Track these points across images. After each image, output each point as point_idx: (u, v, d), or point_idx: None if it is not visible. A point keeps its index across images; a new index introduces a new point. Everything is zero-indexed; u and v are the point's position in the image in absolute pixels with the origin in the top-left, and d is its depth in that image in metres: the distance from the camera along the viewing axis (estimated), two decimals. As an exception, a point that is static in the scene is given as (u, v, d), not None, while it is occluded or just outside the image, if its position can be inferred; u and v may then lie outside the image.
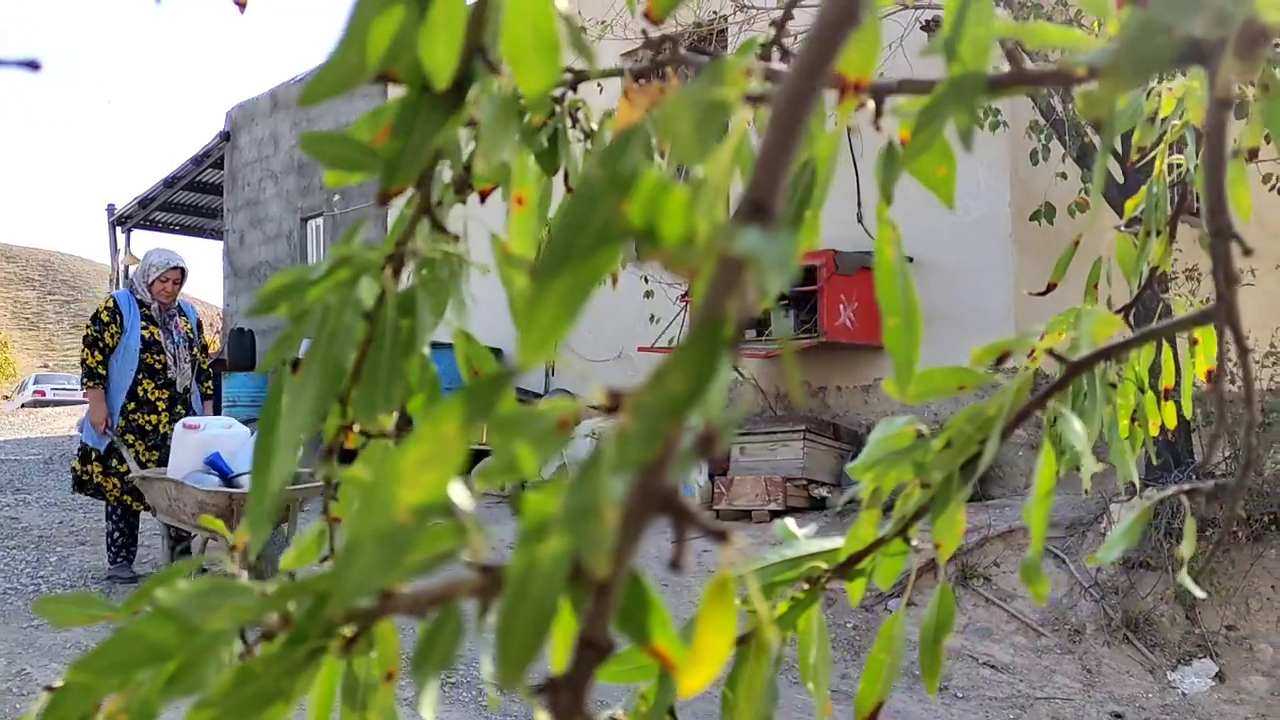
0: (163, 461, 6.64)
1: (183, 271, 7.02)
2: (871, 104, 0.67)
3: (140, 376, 6.81)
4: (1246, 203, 1.25)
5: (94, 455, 6.84)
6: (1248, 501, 7.03)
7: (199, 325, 7.36)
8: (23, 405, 33.92)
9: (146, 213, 19.35)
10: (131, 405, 6.82)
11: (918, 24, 8.15)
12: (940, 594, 0.84)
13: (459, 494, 0.41)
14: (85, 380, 6.82)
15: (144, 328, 6.86)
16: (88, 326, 6.83)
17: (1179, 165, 1.39)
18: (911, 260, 9.69)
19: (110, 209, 19.18)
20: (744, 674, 0.60)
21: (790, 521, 0.92)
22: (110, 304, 6.91)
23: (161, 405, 6.91)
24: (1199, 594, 0.75)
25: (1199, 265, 8.30)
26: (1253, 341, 8.43)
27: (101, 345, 6.79)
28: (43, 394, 36.73)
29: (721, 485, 9.28)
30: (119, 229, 19.15)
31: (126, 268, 18.95)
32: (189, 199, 19.68)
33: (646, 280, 10.40)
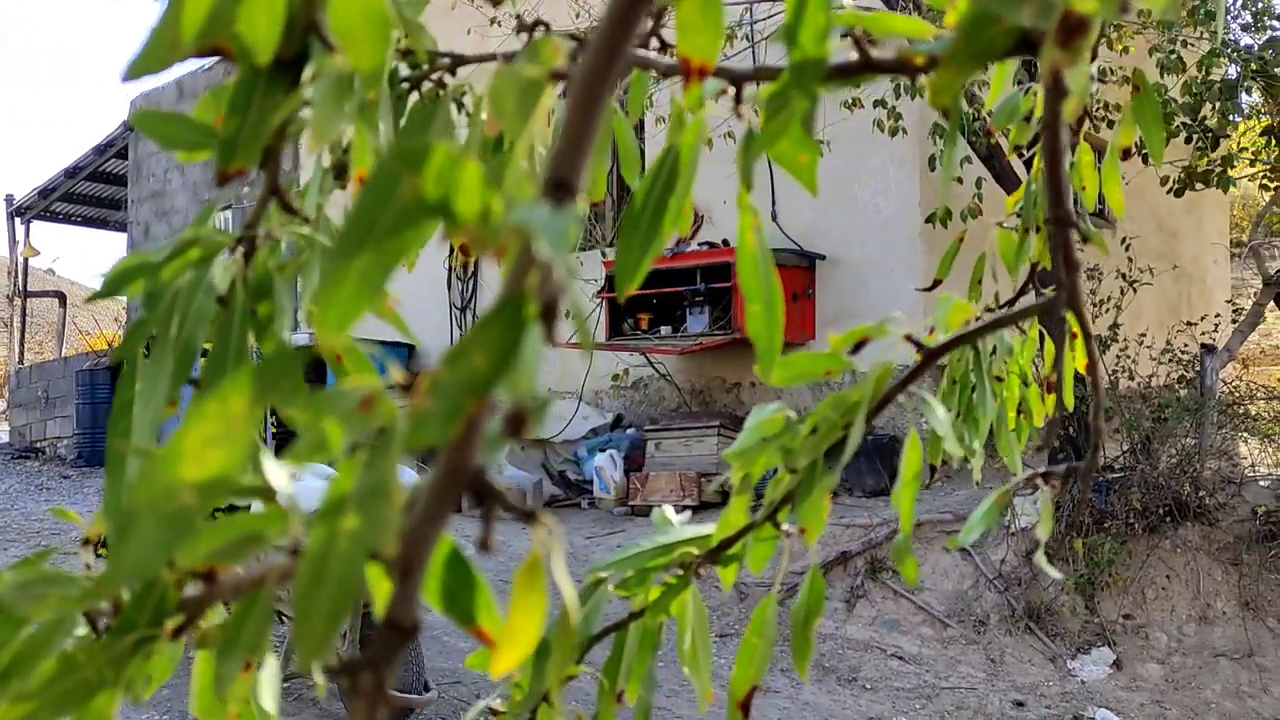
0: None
1: None
2: (732, 91, 0.67)
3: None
4: (1119, 197, 1.29)
5: None
6: (1144, 494, 7.24)
7: None
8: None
9: (47, 203, 18.75)
10: None
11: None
12: (810, 579, 0.85)
13: (277, 476, 0.40)
14: None
15: None
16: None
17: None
18: (824, 258, 9.82)
19: (9, 199, 18.55)
20: (553, 658, 0.60)
21: (668, 509, 0.93)
22: None
23: None
24: (1055, 575, 0.77)
25: (1100, 265, 8.53)
26: (1150, 339, 8.61)
27: None
28: (-62, 390, 35.42)
29: (637, 481, 9.30)
30: (18, 220, 18.53)
31: (26, 261, 18.36)
32: (92, 190, 19.11)
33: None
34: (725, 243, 9.57)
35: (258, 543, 0.37)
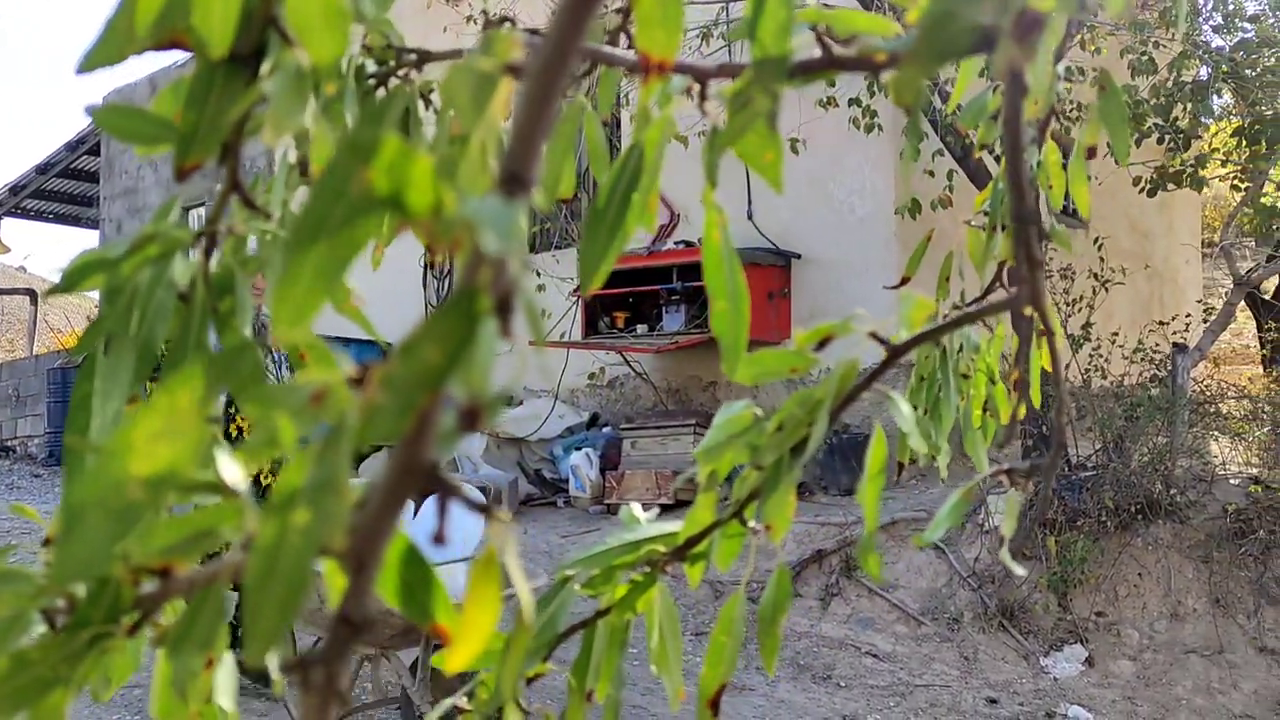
0: None
1: None
2: (697, 87, 0.67)
3: (231, 410, 4.76)
4: (1085, 197, 1.29)
5: None
6: (1116, 492, 7.30)
7: None
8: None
9: (17, 200, 18.59)
10: None
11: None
12: (777, 576, 0.85)
13: (230, 472, 0.40)
14: None
15: None
16: None
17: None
18: (800, 257, 9.84)
19: (-21, 196, 18.39)
20: (509, 655, 0.60)
21: (636, 506, 0.93)
22: None
23: None
24: (1020, 572, 0.78)
25: (1073, 265, 8.59)
26: (1122, 338, 8.66)
27: None
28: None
29: (612, 479, 9.30)
30: (-12, 217, 18.37)
31: (-3, 257, 18.18)
32: (63, 186, 18.95)
33: (539, 275, 10.37)
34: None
35: (211, 538, 0.37)
